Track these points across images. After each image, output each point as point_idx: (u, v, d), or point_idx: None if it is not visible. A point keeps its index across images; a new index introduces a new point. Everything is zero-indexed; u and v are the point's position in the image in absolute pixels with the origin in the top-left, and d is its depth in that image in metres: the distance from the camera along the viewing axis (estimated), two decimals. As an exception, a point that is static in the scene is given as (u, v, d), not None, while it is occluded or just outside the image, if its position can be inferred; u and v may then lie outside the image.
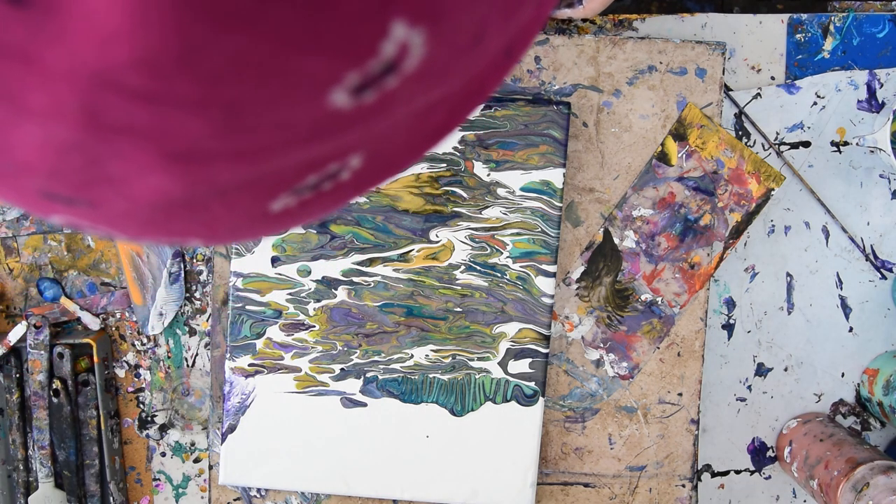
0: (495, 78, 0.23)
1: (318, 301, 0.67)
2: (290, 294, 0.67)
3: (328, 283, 0.67)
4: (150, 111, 0.16)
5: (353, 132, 0.20)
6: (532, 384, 0.67)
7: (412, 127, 0.22)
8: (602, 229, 0.69)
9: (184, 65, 0.15)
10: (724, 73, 0.68)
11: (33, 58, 0.14)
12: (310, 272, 0.67)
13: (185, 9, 0.14)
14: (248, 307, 0.67)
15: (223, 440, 0.67)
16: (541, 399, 0.67)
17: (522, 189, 0.66)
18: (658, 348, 0.69)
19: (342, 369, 0.67)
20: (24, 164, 0.17)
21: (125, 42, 0.14)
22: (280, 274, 0.67)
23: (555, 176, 0.66)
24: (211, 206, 0.20)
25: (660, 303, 0.69)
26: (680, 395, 0.69)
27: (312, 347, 0.67)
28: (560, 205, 0.67)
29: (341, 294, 0.67)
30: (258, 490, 0.69)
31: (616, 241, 0.69)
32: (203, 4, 0.14)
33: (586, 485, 0.70)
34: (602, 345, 0.69)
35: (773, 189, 0.68)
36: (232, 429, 0.67)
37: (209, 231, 0.21)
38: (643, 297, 0.69)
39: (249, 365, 0.67)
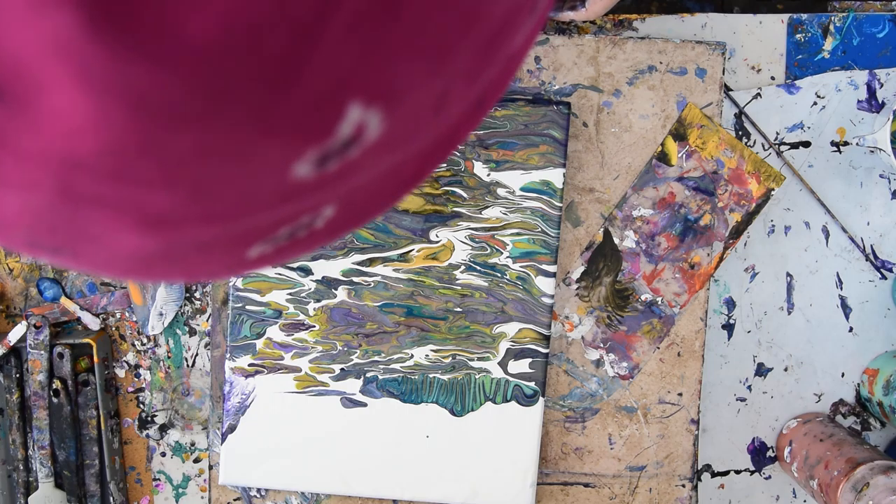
0: (466, 128, 0.24)
1: (318, 301, 0.67)
2: (290, 294, 0.67)
3: (328, 283, 0.67)
4: (119, 188, 0.17)
5: (321, 193, 0.20)
6: (532, 384, 0.67)
7: (384, 179, 0.22)
8: (602, 229, 0.69)
9: (145, 154, 0.16)
10: (724, 73, 0.68)
11: (9, 141, 0.16)
12: (310, 272, 0.67)
13: (140, 110, 0.15)
14: (248, 307, 0.67)
15: (223, 440, 0.67)
16: (541, 399, 0.67)
17: (522, 189, 0.66)
18: (658, 348, 0.69)
19: (342, 369, 0.67)
20: (9, 222, 0.19)
21: (89, 136, 0.15)
22: (280, 274, 0.67)
23: (555, 176, 0.66)
24: (188, 257, 0.21)
25: (660, 303, 0.69)
26: (680, 395, 0.69)
27: (312, 347, 0.67)
28: (560, 205, 0.67)
29: (341, 294, 0.67)
30: (258, 490, 0.69)
31: (616, 241, 0.69)
32: (157, 107, 0.15)
33: (586, 485, 0.70)
34: (602, 345, 0.69)
35: (773, 189, 0.68)
36: (232, 429, 0.67)
37: (188, 275, 0.23)
38: (643, 297, 0.69)
39: (249, 365, 0.67)
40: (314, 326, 0.67)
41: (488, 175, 0.66)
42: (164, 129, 0.16)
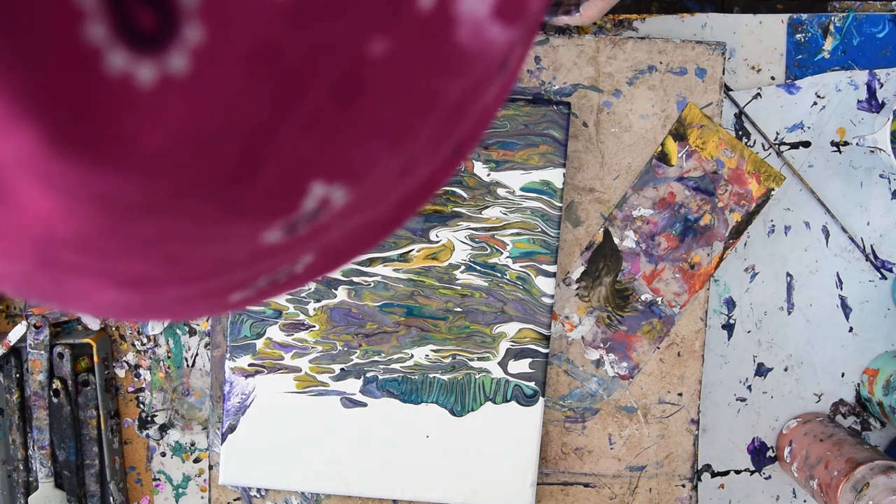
0: (444, 175, 0.24)
1: (318, 301, 0.67)
2: (289, 294, 0.67)
3: (328, 283, 0.67)
4: (95, 259, 0.18)
5: (297, 250, 0.21)
6: (532, 384, 0.67)
7: (361, 228, 0.23)
8: (602, 229, 0.69)
9: (114, 238, 0.17)
10: (724, 73, 0.68)
11: None
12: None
13: (104, 208, 0.16)
14: (247, 307, 0.67)
15: (223, 440, 0.67)
16: (541, 399, 0.67)
17: (522, 189, 0.66)
18: (658, 348, 0.69)
19: (342, 369, 0.67)
20: None
21: (59, 223, 0.17)
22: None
23: (555, 176, 0.66)
24: (171, 307, 0.22)
25: (660, 303, 0.69)
26: (680, 395, 0.69)
27: (312, 347, 0.67)
28: (560, 205, 0.67)
29: (341, 294, 0.67)
30: (258, 490, 0.69)
31: (616, 241, 0.69)
32: (120, 205, 0.16)
33: (586, 485, 0.70)
34: (602, 345, 0.69)
35: (773, 189, 0.68)
36: (232, 429, 0.67)
37: (173, 318, 0.24)
38: (643, 297, 0.69)
39: (249, 365, 0.67)
40: (314, 326, 0.67)
41: (488, 175, 0.66)
42: (129, 220, 0.17)
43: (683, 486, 0.70)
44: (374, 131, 0.18)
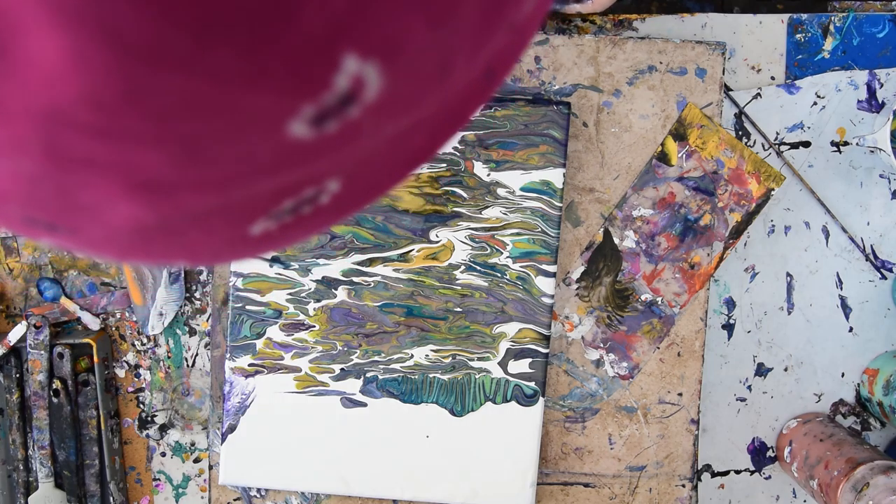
0: (476, 100, 0.23)
1: (318, 301, 0.67)
2: (290, 294, 0.67)
3: (328, 283, 0.67)
4: (107, 145, 0.16)
5: (323, 160, 0.19)
6: (532, 384, 0.67)
7: (391, 151, 0.22)
8: (602, 229, 0.69)
9: (130, 102, 0.16)
10: (724, 73, 0.68)
11: None
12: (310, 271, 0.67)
13: (121, 51, 0.15)
14: (248, 307, 0.67)
15: (223, 440, 0.67)
16: (541, 399, 0.67)
17: (522, 189, 0.66)
18: (658, 348, 0.69)
19: (342, 369, 0.67)
20: (3, 192, 0.18)
21: (69, 81, 0.15)
22: (280, 274, 0.67)
23: (555, 176, 0.66)
24: (187, 232, 0.20)
25: (660, 303, 0.69)
26: (680, 395, 0.69)
27: (312, 347, 0.67)
28: (560, 205, 0.67)
29: (341, 294, 0.67)
30: (258, 490, 0.69)
31: (616, 241, 0.69)
32: (138, 46, 0.15)
33: (586, 485, 0.70)
34: (602, 345, 0.69)
35: (773, 189, 0.68)
36: (232, 429, 0.67)
37: (190, 254, 0.21)
38: (643, 297, 0.69)
39: (249, 365, 0.67)
40: (314, 326, 0.67)
41: (488, 175, 0.66)
42: (146, 71, 0.15)
43: (683, 486, 0.70)
44: (414, 1, 0.17)
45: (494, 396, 0.67)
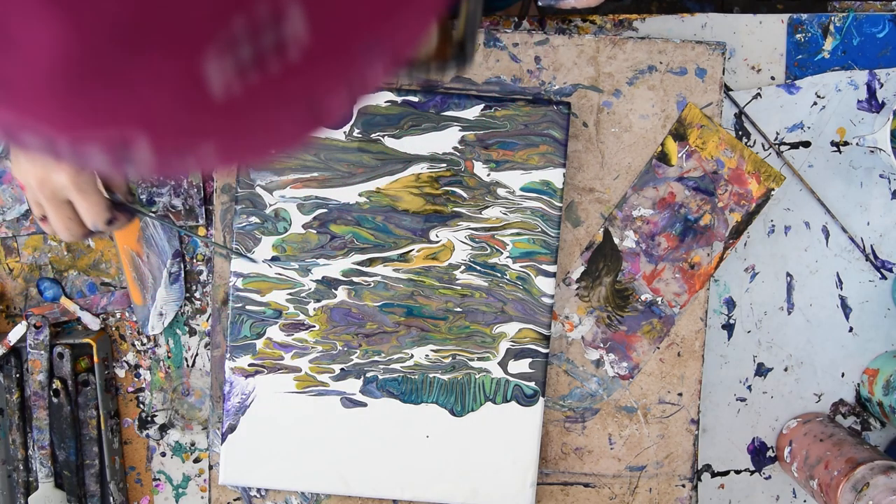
0: None
1: (318, 301, 0.67)
2: (290, 294, 0.67)
3: (328, 283, 0.67)
4: None
5: None
6: (532, 384, 0.67)
7: None
8: (602, 229, 0.69)
9: None
10: (724, 73, 0.68)
11: None
12: (309, 271, 0.67)
13: None
14: (248, 307, 0.67)
15: (223, 440, 0.67)
16: (541, 399, 0.67)
17: (522, 189, 0.66)
18: (658, 348, 0.69)
19: (342, 369, 0.67)
20: None
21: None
22: (280, 274, 0.67)
23: (555, 176, 0.66)
24: (128, 78, 0.17)
25: (660, 303, 0.69)
26: (680, 395, 0.69)
27: (312, 347, 0.67)
28: (560, 205, 0.67)
29: (341, 294, 0.67)
30: (258, 490, 0.69)
31: (616, 241, 0.69)
32: None
33: (586, 485, 0.70)
34: (602, 345, 0.69)
35: (773, 189, 0.68)
36: (232, 429, 0.67)
37: (145, 120, 0.18)
38: (643, 297, 0.69)
39: (249, 365, 0.67)
40: (314, 326, 0.67)
41: (488, 175, 0.66)
42: None
43: (683, 486, 0.70)
44: None
45: (494, 396, 0.67)
